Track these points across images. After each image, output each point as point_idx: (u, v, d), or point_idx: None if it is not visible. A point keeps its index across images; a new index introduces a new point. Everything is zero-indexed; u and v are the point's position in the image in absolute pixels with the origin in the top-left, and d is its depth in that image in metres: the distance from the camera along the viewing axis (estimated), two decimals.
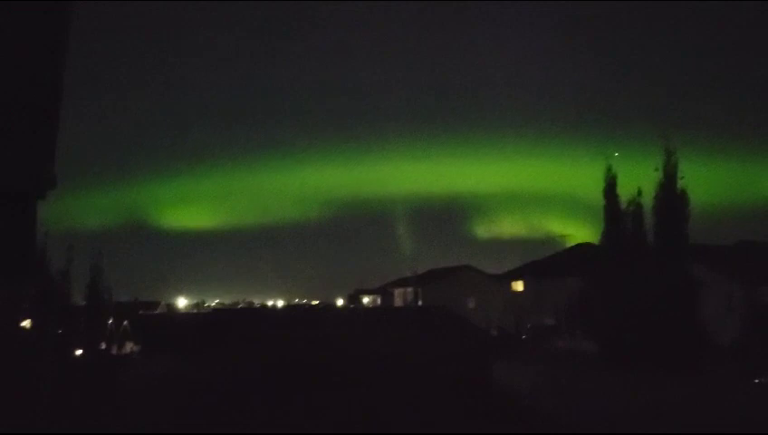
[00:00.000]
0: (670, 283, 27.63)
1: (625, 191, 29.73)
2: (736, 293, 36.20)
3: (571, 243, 57.28)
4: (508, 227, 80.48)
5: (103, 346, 43.50)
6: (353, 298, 79.60)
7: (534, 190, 76.56)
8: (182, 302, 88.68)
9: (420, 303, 59.91)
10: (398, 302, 67.25)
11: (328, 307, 73.02)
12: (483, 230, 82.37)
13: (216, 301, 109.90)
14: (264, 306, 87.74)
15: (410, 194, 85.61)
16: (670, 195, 28.02)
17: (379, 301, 73.42)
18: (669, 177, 28.14)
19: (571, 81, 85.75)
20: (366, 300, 77.05)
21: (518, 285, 60.14)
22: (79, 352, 37.83)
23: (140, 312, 61.16)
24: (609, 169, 30.14)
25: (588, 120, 79.32)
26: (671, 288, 27.54)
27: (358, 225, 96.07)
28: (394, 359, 27.84)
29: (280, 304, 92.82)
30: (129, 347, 45.51)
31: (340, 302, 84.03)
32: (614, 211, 29.85)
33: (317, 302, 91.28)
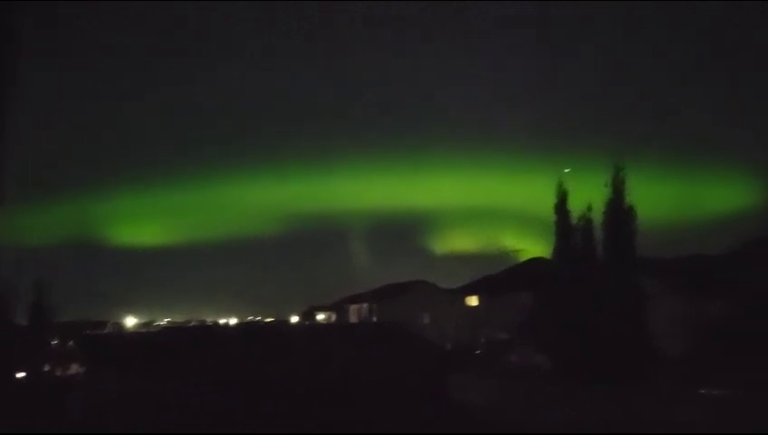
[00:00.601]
0: (619, 296, 28.16)
1: (577, 207, 30.32)
2: (683, 305, 37.15)
3: (524, 257, 58.02)
4: (463, 241, 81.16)
5: (47, 368, 41.98)
6: (308, 315, 78.79)
7: (489, 205, 77.64)
8: (131, 321, 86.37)
9: (375, 319, 59.71)
10: (353, 318, 66.88)
11: (282, 324, 72.13)
12: (438, 245, 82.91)
13: (167, 319, 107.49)
14: (217, 324, 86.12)
15: (366, 209, 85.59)
16: (619, 210, 28.64)
17: (333, 317, 72.84)
18: (618, 192, 28.78)
19: (524, 97, 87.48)
20: (320, 317, 76.33)
21: (472, 300, 60.52)
22: (21, 374, 36.38)
23: (87, 332, 59.35)
24: (560, 185, 30.70)
25: (541, 137, 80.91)
26: (620, 301, 28.07)
27: (313, 240, 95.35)
28: (348, 375, 27.59)
29: (233, 321, 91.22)
30: (75, 368, 44.04)
31: (294, 319, 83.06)
32: (565, 226, 30.35)
33: (271, 319, 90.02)
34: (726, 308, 33.89)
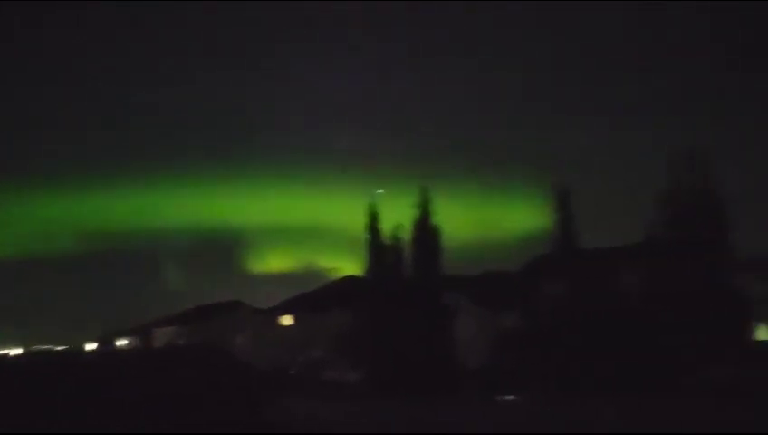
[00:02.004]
0: (425, 311, 29.65)
1: (389, 226, 31.56)
2: (483, 318, 39.88)
3: (338, 276, 59.04)
4: (279, 261, 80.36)
5: None
6: (106, 341, 72.42)
7: (304, 224, 77.73)
8: None
9: (186, 342, 57.10)
10: (160, 342, 63.36)
11: (75, 353, 65.87)
12: (254, 264, 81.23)
13: None
14: None
15: (178, 227, 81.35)
16: (425, 230, 30.26)
17: (137, 343, 68.18)
18: (425, 213, 30.42)
19: (337, 117, 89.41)
20: (122, 343, 70.92)
21: (287, 319, 60.25)
22: None
23: None
24: (371, 206, 31.78)
25: (355, 156, 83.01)
26: (426, 316, 29.55)
27: (115, 260, 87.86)
28: (154, 402, 26.00)
29: (16, 352, 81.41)
30: None
31: (90, 346, 76.02)
32: (376, 245, 31.43)
33: (62, 347, 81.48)
34: (520, 320, 36.86)
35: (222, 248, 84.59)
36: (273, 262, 79.62)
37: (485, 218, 64.81)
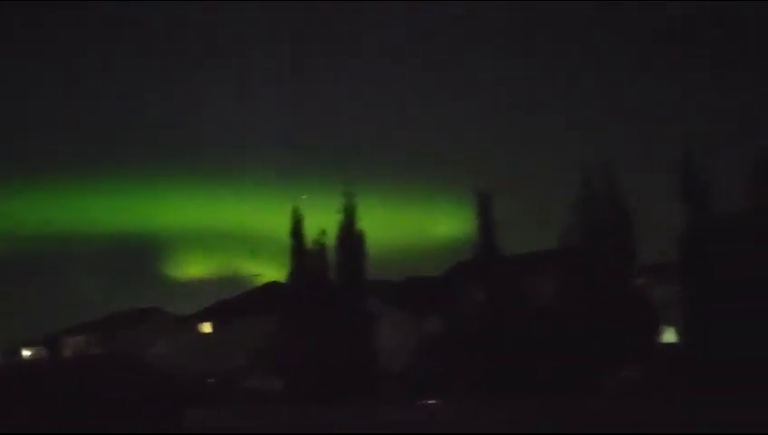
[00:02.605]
0: (350, 317, 29.67)
1: (313, 231, 31.42)
2: (406, 323, 40.29)
3: (261, 281, 58.09)
4: (199, 266, 78.06)
5: None
6: (10, 352, 68.50)
7: (226, 229, 75.85)
8: None
9: (100, 350, 54.91)
10: (69, 352, 60.64)
11: None
12: (173, 270, 78.63)
13: None
14: None
15: (91, 231, 77.58)
16: (350, 235, 30.30)
17: (45, 353, 64.94)
18: (349, 218, 30.45)
19: (262, 121, 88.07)
20: (27, 353, 67.32)
21: (207, 326, 58.86)
22: None
23: None
24: (296, 210, 31.57)
25: (279, 161, 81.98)
26: (349, 322, 29.57)
27: (22, 265, 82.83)
28: (64, 413, 24.91)
29: None
30: None
31: None
32: (300, 250, 31.24)
33: None
34: (442, 324, 37.45)
35: (138, 253, 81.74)
36: (194, 267, 77.49)
37: (410, 224, 65.56)
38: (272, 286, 50.68)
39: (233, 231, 75.13)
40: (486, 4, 74.43)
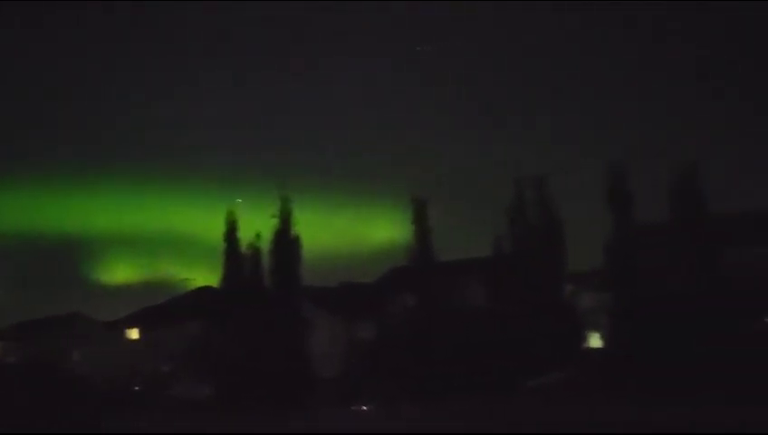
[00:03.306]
0: (283, 323, 29.41)
1: (248, 235, 31.00)
2: (339, 329, 40.19)
3: (192, 286, 56.70)
4: (126, 270, 75.26)
5: None
6: None
7: (155, 232, 73.32)
8: None
9: (15, 359, 52.34)
10: None
11: None
12: (98, 274, 75.49)
13: None
14: None
15: (6, 233, 73.24)
16: (285, 240, 30.08)
17: None
18: (285, 223, 30.23)
19: (196, 122, 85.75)
20: None
21: (134, 332, 57.08)
22: None
23: None
24: (230, 214, 31.08)
25: (213, 164, 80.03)
26: (284, 328, 29.32)
27: None
28: None
29: None
30: None
31: None
32: (234, 254, 30.77)
33: None
34: (375, 330, 37.59)
35: (61, 257, 78.25)
36: (121, 272, 74.67)
37: (347, 229, 65.24)
38: (203, 291, 49.58)
39: (163, 235, 72.77)
40: (426, 4, 75.32)
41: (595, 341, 32.61)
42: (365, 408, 28.55)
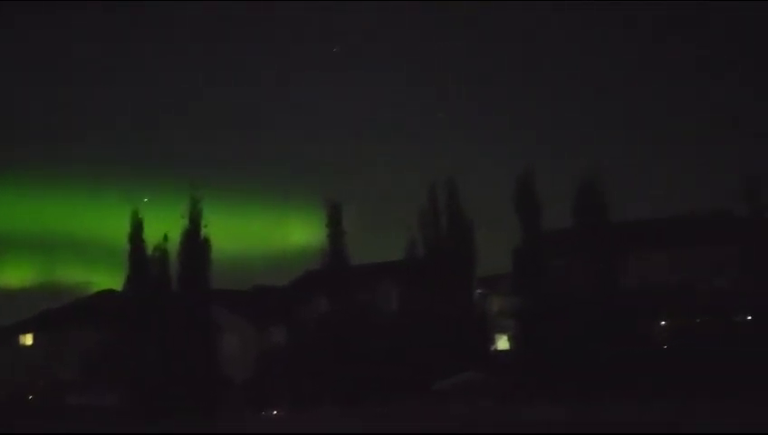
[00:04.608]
0: (191, 327, 28.51)
1: (154, 237, 29.83)
2: (250, 333, 39.40)
3: (93, 290, 54.11)
4: (19, 273, 70.82)
5: None
6: None
7: (51, 233, 69.20)
8: None
9: None
10: None
11: None
12: None
13: None
14: None
15: None
16: (194, 241, 29.18)
17: None
18: (194, 224, 29.33)
19: (99, 115, 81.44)
20: None
21: (28, 338, 53.86)
22: None
23: None
24: (135, 214, 29.85)
25: (118, 162, 76.51)
26: (191, 332, 28.42)
27: None
28: None
29: None
30: None
31: None
32: (140, 257, 29.59)
33: None
34: (286, 335, 37.11)
35: None
36: (13, 275, 70.23)
37: (258, 232, 63.99)
38: (105, 295, 47.40)
39: (61, 236, 68.89)
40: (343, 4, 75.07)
41: (503, 343, 33.51)
42: (275, 412, 28.16)
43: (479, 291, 37.77)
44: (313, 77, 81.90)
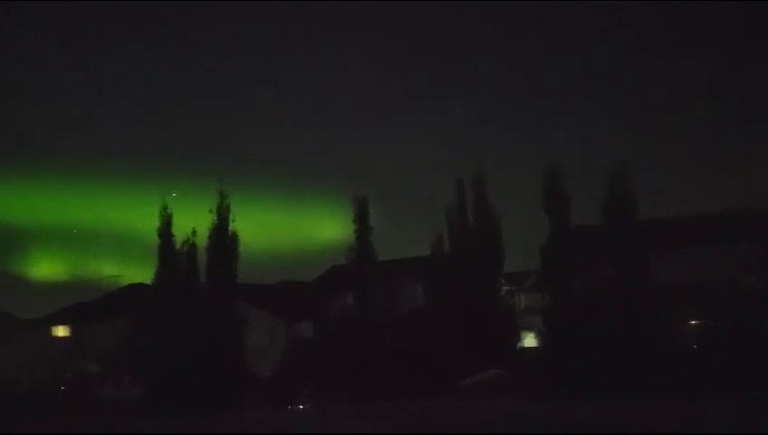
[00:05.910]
0: (219, 321, 28.75)
1: (183, 232, 30.09)
2: (278, 328, 39.73)
3: (123, 284, 54.95)
4: (55, 266, 72.00)
5: None
6: None
7: (85, 227, 70.26)
8: None
9: None
10: None
11: None
12: (24, 270, 72.03)
13: None
14: None
15: None
16: (222, 236, 29.38)
17: None
18: (222, 219, 29.53)
19: (128, 112, 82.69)
20: None
21: (60, 330, 54.92)
22: None
23: None
24: (164, 209, 30.13)
25: (147, 157, 77.61)
26: (219, 326, 28.65)
27: None
28: None
29: None
30: None
31: None
32: (169, 251, 29.86)
33: None
34: (313, 330, 37.33)
35: None
36: (49, 267, 71.45)
37: (286, 227, 64.37)
38: (135, 289, 48.13)
39: (93, 229, 70.02)
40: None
41: (530, 340, 33.29)
42: (301, 407, 28.30)
43: (506, 287, 37.57)
44: (339, 74, 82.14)
